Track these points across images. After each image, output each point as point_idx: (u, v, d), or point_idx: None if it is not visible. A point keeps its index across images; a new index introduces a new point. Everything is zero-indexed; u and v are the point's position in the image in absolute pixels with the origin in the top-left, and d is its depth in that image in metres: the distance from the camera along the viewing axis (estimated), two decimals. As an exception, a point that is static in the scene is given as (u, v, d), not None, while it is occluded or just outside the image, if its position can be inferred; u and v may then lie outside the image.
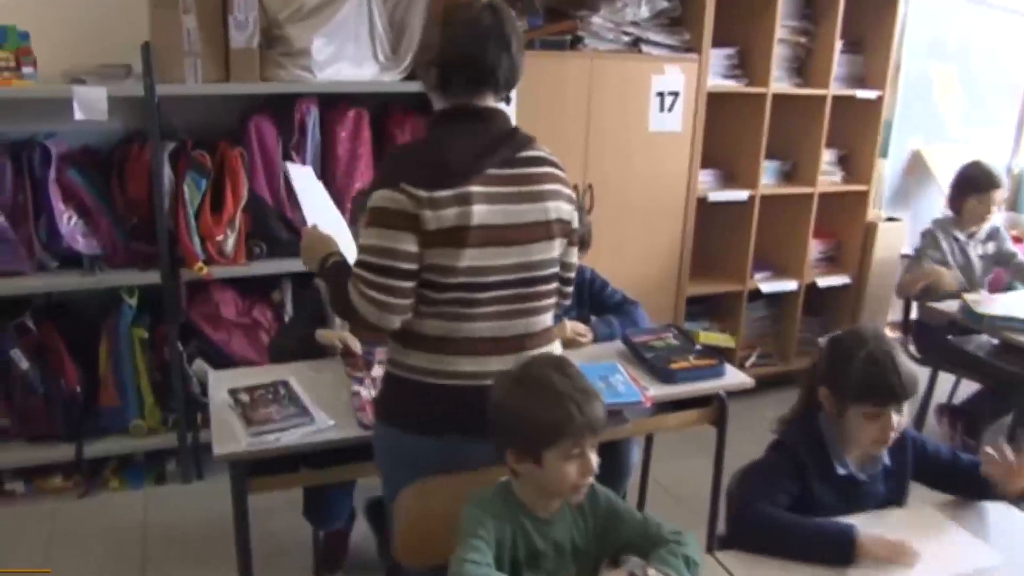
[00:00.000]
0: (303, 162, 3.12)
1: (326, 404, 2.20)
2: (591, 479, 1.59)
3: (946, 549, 1.77)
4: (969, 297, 3.41)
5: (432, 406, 1.78)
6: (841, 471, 1.87)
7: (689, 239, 3.88)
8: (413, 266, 1.70)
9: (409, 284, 1.71)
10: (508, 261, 1.76)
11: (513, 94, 3.25)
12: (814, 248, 4.34)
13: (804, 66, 4.08)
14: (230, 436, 2.04)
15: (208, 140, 3.13)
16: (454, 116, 1.79)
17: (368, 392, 2.23)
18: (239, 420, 2.10)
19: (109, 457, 3.28)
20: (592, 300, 2.85)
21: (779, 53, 3.87)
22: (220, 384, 2.30)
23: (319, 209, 2.37)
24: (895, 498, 1.94)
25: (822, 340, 2.03)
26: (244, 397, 2.19)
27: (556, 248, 1.84)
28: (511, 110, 3.37)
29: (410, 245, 1.68)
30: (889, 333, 4.54)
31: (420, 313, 1.77)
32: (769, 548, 1.72)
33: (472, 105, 1.77)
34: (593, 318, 2.81)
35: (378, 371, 2.32)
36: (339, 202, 2.85)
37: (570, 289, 1.97)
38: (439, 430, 1.78)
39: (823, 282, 4.31)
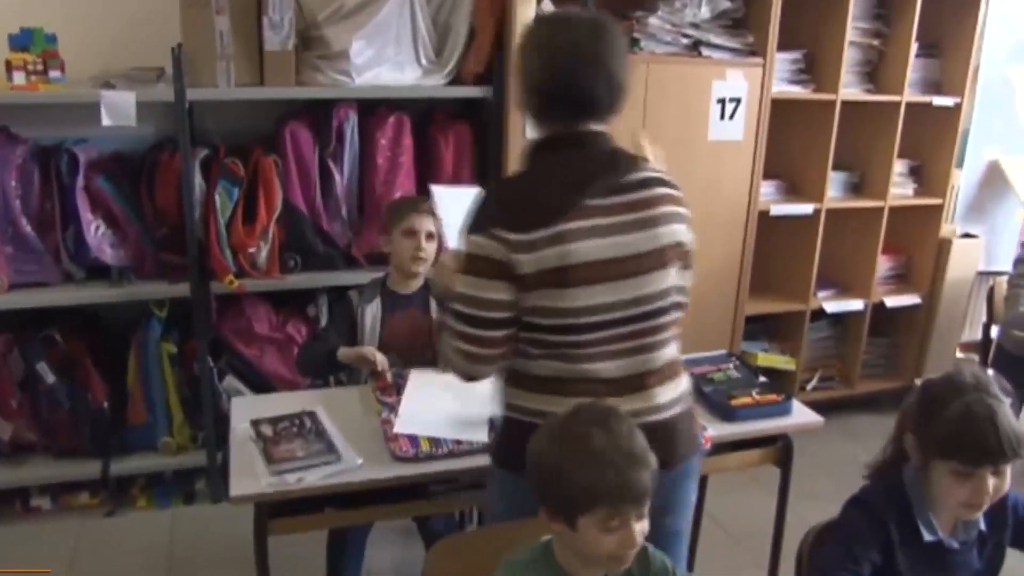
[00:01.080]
0: (340, 171, 2.97)
1: (355, 436, 2.05)
2: (632, 552, 1.39)
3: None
4: None
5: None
6: (928, 537, 1.63)
7: (749, 254, 3.64)
8: (504, 315, 1.60)
9: (499, 333, 1.61)
10: (621, 297, 1.62)
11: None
12: (882, 265, 4.06)
13: (876, 71, 3.82)
14: (249, 473, 1.89)
15: (241, 147, 2.98)
16: (548, 146, 1.66)
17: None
18: (260, 455, 1.95)
19: (137, 475, 3.17)
20: None
21: (849, 57, 3.62)
22: (243, 413, 2.15)
23: None
24: (992, 570, 1.71)
25: (919, 381, 1.80)
26: (267, 430, 2.04)
27: (673, 276, 1.69)
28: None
29: (501, 293, 1.58)
30: (960, 355, 4.26)
31: (530, 355, 1.66)
32: None
33: (570, 132, 1.64)
34: None
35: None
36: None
37: (683, 315, 1.77)
38: None
39: (891, 301, 4.03)
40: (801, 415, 2.33)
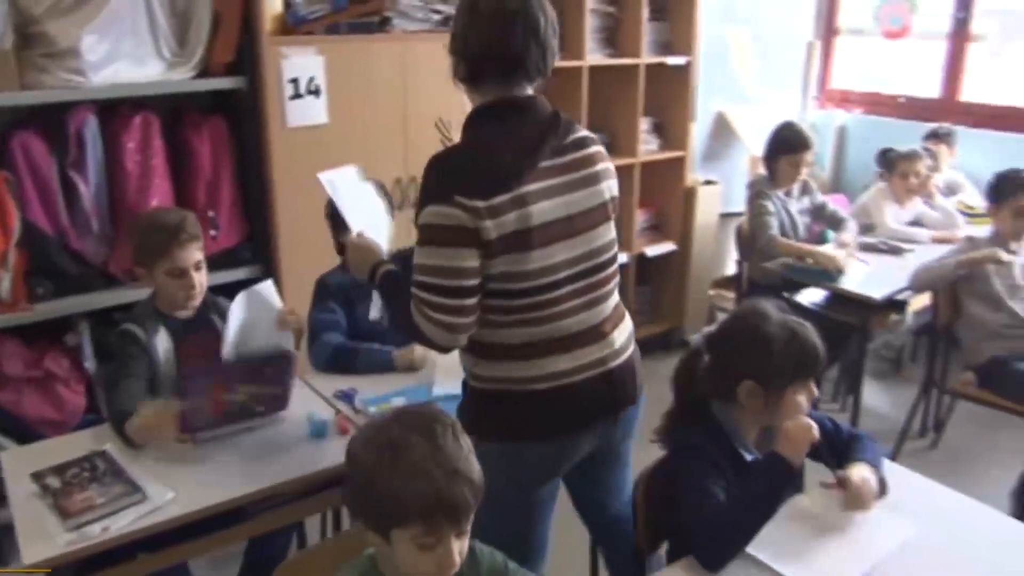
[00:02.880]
0: (85, 182, 2.67)
1: (158, 467, 1.88)
2: (451, 572, 1.31)
3: (868, 527, 1.73)
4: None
5: (542, 411, 1.74)
6: (748, 457, 1.78)
7: (520, 223, 3.73)
8: (476, 281, 1.64)
9: (474, 300, 1.65)
10: (575, 253, 1.71)
11: (323, 85, 2.92)
12: (639, 218, 4.33)
13: (615, 36, 4.02)
14: (41, 534, 1.68)
15: (-40, 165, 2.60)
16: (492, 112, 1.70)
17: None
18: (52, 512, 1.73)
19: None
20: None
21: (591, 24, 3.78)
22: (17, 467, 1.89)
23: (364, 211, 2.15)
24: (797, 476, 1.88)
25: (695, 339, 1.91)
26: (54, 482, 1.81)
27: (612, 228, 1.80)
28: (321, 103, 3.09)
29: (470, 261, 1.61)
30: (712, 292, 4.63)
31: (497, 324, 1.71)
32: (742, 543, 1.61)
33: (508, 98, 1.69)
34: None
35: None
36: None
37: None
38: (556, 432, 1.76)
39: (651, 251, 4.32)
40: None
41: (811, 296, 3.59)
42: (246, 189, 3.03)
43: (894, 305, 3.43)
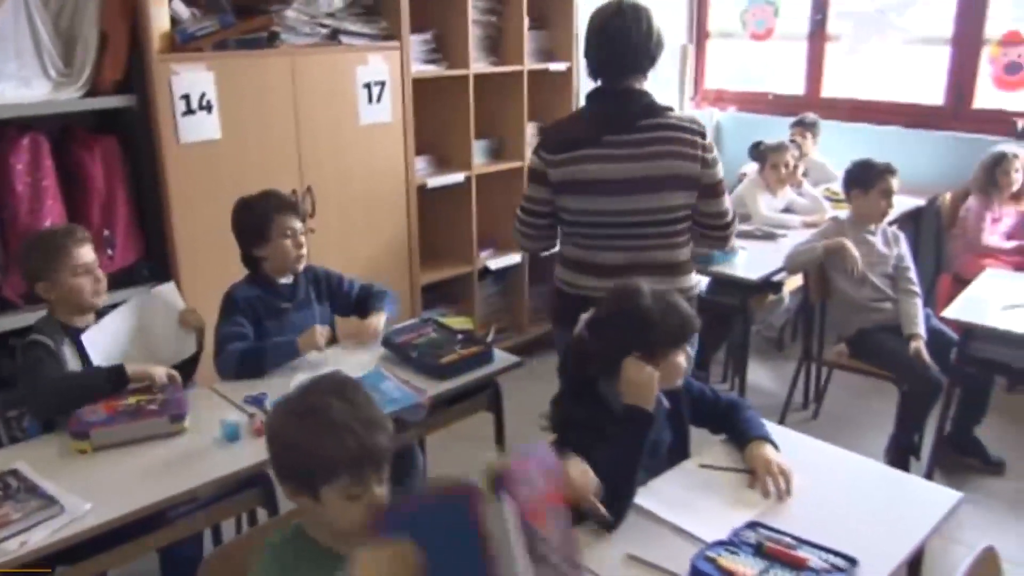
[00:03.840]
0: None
1: (72, 481, 1.90)
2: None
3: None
4: None
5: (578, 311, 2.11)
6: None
7: (415, 228, 3.83)
8: (546, 208, 2.41)
9: (544, 221, 2.45)
10: (615, 207, 2.31)
11: (214, 101, 2.97)
12: (531, 218, 4.47)
13: (498, 45, 4.16)
14: (-44, 552, 1.69)
15: None
16: (594, 96, 2.39)
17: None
18: (-34, 531, 1.74)
19: None
20: (333, 297, 2.73)
21: (474, 34, 3.92)
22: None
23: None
24: (681, 439, 2.06)
25: (579, 325, 2.03)
26: (-33, 500, 1.82)
27: (674, 198, 2.31)
28: (214, 119, 3.11)
29: (542, 194, 2.39)
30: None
31: (563, 242, 2.48)
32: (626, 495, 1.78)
33: (608, 87, 2.34)
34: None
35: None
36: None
37: (716, 233, 2.43)
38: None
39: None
40: (502, 360, 2.57)
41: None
42: (141, 207, 3.03)
43: (771, 286, 3.69)
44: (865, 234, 3.41)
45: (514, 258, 4.32)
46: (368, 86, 3.49)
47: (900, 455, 3.28)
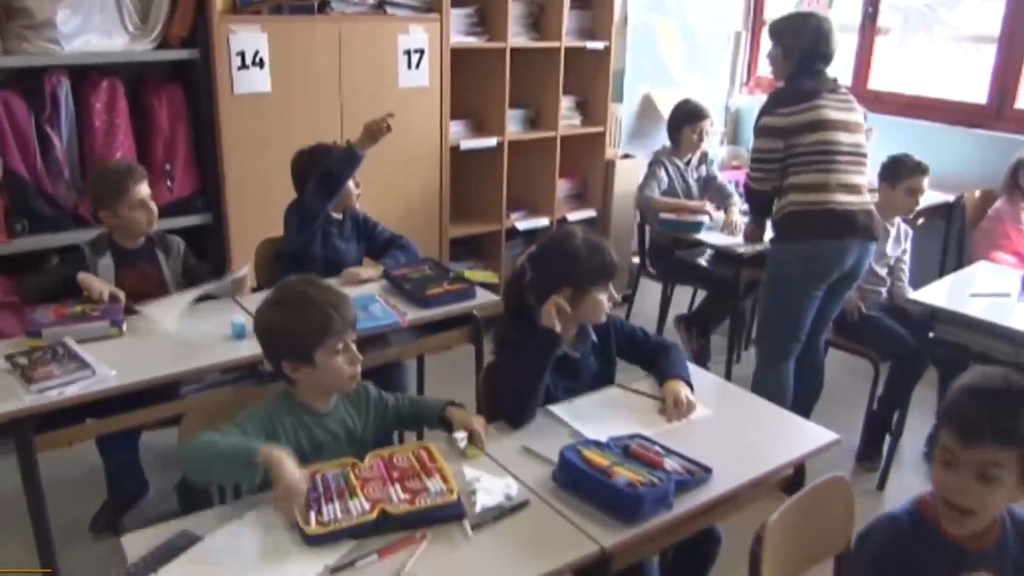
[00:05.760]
0: (58, 136, 3.15)
1: (105, 357, 2.35)
2: (359, 367, 1.92)
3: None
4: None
5: (823, 220, 3.05)
6: (561, 353, 2.20)
7: (447, 185, 4.21)
8: (776, 156, 3.12)
9: (774, 167, 3.14)
10: (845, 140, 3.07)
11: (267, 59, 3.40)
12: (562, 187, 4.81)
13: (538, 21, 4.49)
14: (11, 396, 2.15)
15: (-48, 118, 3.08)
16: (804, 72, 3.14)
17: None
18: (19, 381, 2.22)
19: None
20: (368, 239, 3.21)
21: (515, 10, 4.25)
22: (-6, 355, 2.38)
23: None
24: (606, 372, 2.37)
25: (521, 258, 2.35)
26: (22, 360, 2.30)
27: (863, 137, 3.18)
28: (265, 74, 3.55)
29: (775, 144, 3.11)
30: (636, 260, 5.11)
31: (799, 172, 3.08)
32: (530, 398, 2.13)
33: (816, 70, 3.14)
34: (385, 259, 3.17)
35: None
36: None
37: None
38: (830, 234, 3.06)
39: (573, 216, 4.79)
40: (483, 296, 2.93)
41: (696, 255, 4.11)
42: (198, 147, 3.51)
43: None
44: (886, 224, 3.51)
45: (542, 221, 4.66)
46: (408, 52, 3.87)
47: (875, 433, 3.49)
